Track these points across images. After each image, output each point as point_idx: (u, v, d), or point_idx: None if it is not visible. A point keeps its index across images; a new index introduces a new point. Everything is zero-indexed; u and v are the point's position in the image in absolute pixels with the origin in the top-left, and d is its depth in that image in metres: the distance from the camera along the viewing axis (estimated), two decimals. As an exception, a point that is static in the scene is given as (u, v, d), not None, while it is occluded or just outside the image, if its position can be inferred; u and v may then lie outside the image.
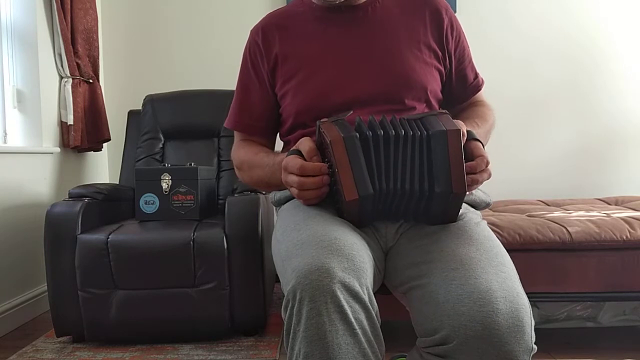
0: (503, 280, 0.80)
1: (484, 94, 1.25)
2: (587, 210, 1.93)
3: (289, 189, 0.96)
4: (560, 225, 1.65)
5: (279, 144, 1.22)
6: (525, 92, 2.81)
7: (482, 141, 0.98)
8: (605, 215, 1.79)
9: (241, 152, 1.18)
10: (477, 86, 1.21)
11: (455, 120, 0.90)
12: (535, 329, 0.80)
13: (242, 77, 1.19)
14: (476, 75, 1.21)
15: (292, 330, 0.77)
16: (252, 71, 1.16)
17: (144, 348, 1.81)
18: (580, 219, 1.70)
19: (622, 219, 1.69)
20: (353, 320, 0.75)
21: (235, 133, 1.23)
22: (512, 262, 0.87)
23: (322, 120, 0.91)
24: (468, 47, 1.19)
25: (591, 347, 1.75)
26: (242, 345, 1.82)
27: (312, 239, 0.84)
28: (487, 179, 0.94)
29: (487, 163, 0.92)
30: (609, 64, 2.82)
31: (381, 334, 0.80)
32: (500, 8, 2.81)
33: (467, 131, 0.95)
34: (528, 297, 0.82)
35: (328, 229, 0.86)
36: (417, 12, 1.12)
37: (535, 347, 0.77)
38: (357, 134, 0.87)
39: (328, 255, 0.79)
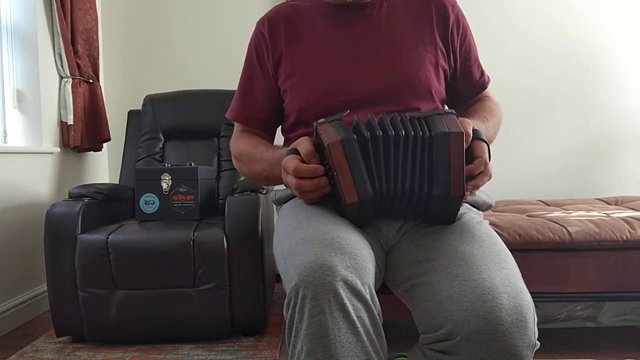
0: (506, 277, 0.80)
1: (491, 90, 1.24)
2: (587, 210, 1.93)
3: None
4: (560, 225, 1.65)
5: (279, 137, 1.21)
6: (526, 92, 2.81)
7: (488, 139, 0.97)
8: (605, 215, 1.78)
9: (240, 143, 1.17)
10: (482, 84, 1.20)
11: (461, 119, 0.89)
12: (536, 329, 0.80)
13: (247, 69, 1.18)
14: (482, 74, 1.21)
15: (294, 328, 0.77)
16: (257, 63, 1.15)
17: (144, 348, 1.81)
18: (580, 219, 1.70)
19: (622, 219, 1.69)
20: (355, 318, 0.75)
21: (235, 123, 1.22)
22: (514, 260, 0.87)
23: (319, 121, 0.90)
24: (474, 45, 1.18)
25: (591, 347, 1.75)
26: (242, 345, 1.82)
27: (314, 237, 0.84)
28: (488, 180, 0.93)
29: (486, 164, 0.91)
30: (610, 63, 2.81)
31: (383, 333, 0.80)
32: (501, 5, 2.81)
33: (474, 130, 0.94)
34: (528, 297, 0.82)
35: (330, 228, 0.86)
36: (424, 9, 1.12)
37: (537, 343, 0.78)
38: (355, 136, 0.86)
39: (331, 253, 0.79)
